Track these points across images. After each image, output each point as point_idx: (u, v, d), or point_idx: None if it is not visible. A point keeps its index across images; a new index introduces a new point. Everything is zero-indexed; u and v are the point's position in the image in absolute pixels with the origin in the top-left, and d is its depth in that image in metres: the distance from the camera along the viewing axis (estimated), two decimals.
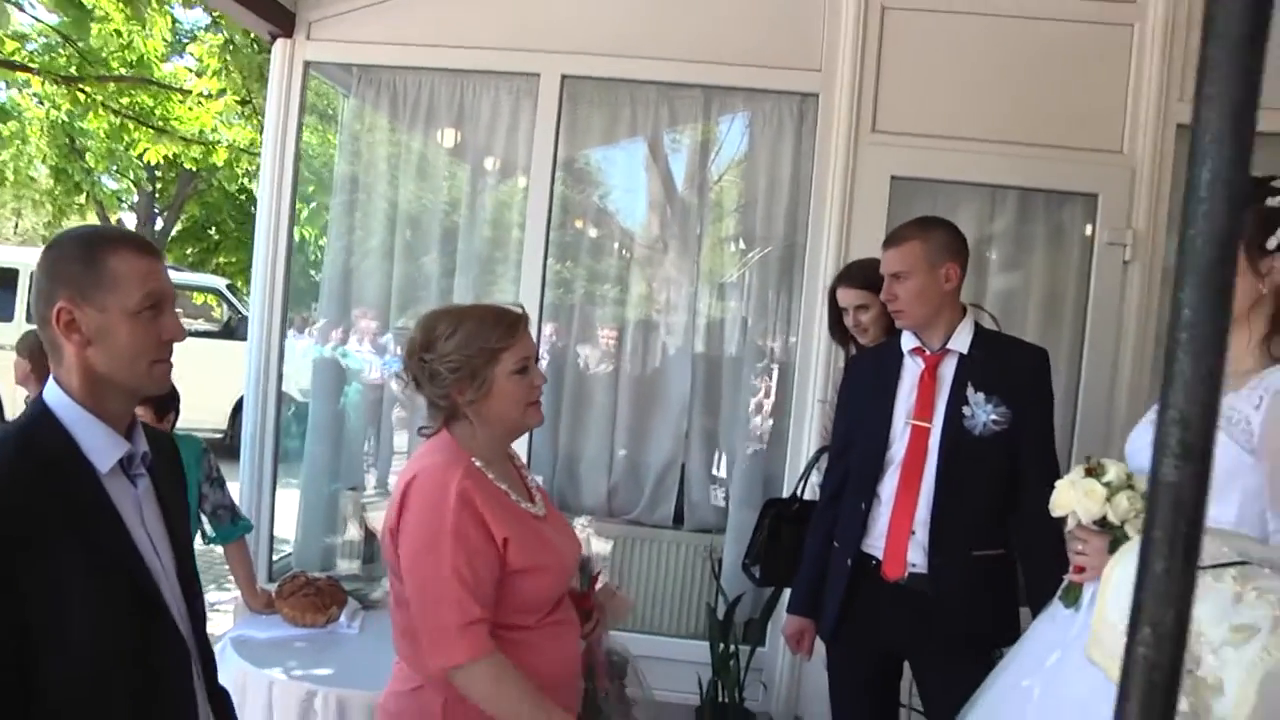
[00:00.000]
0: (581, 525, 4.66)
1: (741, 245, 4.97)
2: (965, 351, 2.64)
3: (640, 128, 4.77)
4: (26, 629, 1.36)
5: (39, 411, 1.51)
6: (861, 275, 3.21)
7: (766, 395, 4.71)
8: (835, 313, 3.44)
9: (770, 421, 4.65)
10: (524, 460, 2.34)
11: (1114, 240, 3.96)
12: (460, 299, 4.63)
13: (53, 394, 1.52)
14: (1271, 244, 1.68)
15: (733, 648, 4.02)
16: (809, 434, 4.15)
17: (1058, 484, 1.79)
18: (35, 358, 3.42)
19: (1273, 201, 1.69)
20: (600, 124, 4.78)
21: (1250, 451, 1.60)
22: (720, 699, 4.01)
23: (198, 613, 1.67)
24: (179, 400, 3.30)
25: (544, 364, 4.73)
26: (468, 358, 1.97)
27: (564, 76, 4.44)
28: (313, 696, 2.83)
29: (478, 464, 2.00)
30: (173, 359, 1.59)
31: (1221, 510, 1.56)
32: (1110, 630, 1.33)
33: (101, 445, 1.51)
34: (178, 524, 1.66)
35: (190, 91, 11.76)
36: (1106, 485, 1.72)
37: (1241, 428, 1.61)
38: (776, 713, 4.24)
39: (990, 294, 4.21)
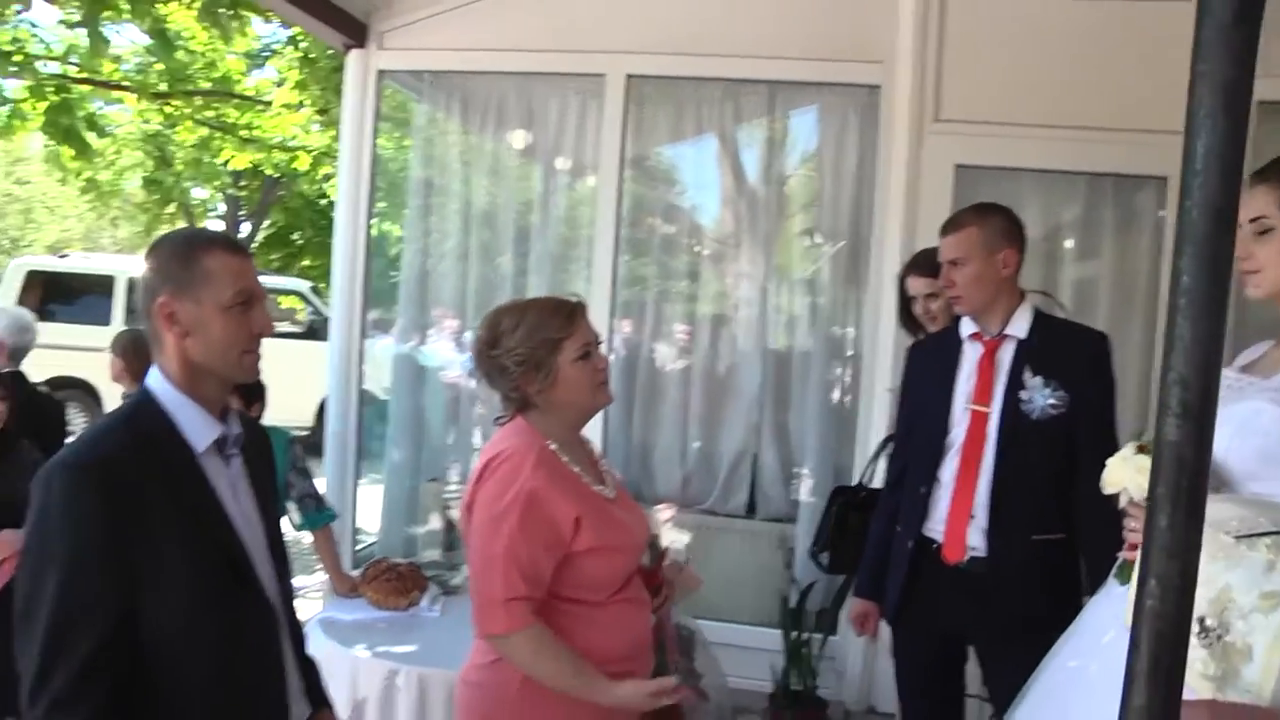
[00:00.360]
0: (662, 518, 4.74)
1: (810, 238, 5.00)
2: (1024, 336, 2.65)
3: (706, 124, 4.84)
4: (133, 584, 1.52)
5: (144, 397, 1.66)
6: (930, 263, 3.20)
7: (836, 386, 4.74)
8: (905, 301, 3.46)
9: (840, 412, 4.67)
10: (597, 446, 2.41)
11: None
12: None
13: (155, 381, 1.67)
14: None
15: (805, 636, 4.06)
16: (878, 423, 4.17)
17: (1109, 461, 1.79)
18: (128, 356, 3.64)
19: None
20: (666, 122, 4.85)
21: None
22: (793, 687, 4.06)
23: (286, 584, 1.81)
24: (265, 392, 3.46)
25: (618, 358, 4.82)
26: (532, 350, 2.06)
27: (629, 76, 4.52)
28: (395, 674, 2.95)
29: (552, 446, 2.09)
30: (260, 350, 1.71)
31: (1274, 486, 1.56)
32: None
33: (198, 427, 1.65)
34: (268, 502, 1.80)
35: (271, 103, 12.19)
36: None
37: None
38: (850, 701, 4.27)
39: (1061, 281, 4.18)
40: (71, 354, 10.20)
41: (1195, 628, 1.17)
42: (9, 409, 3.29)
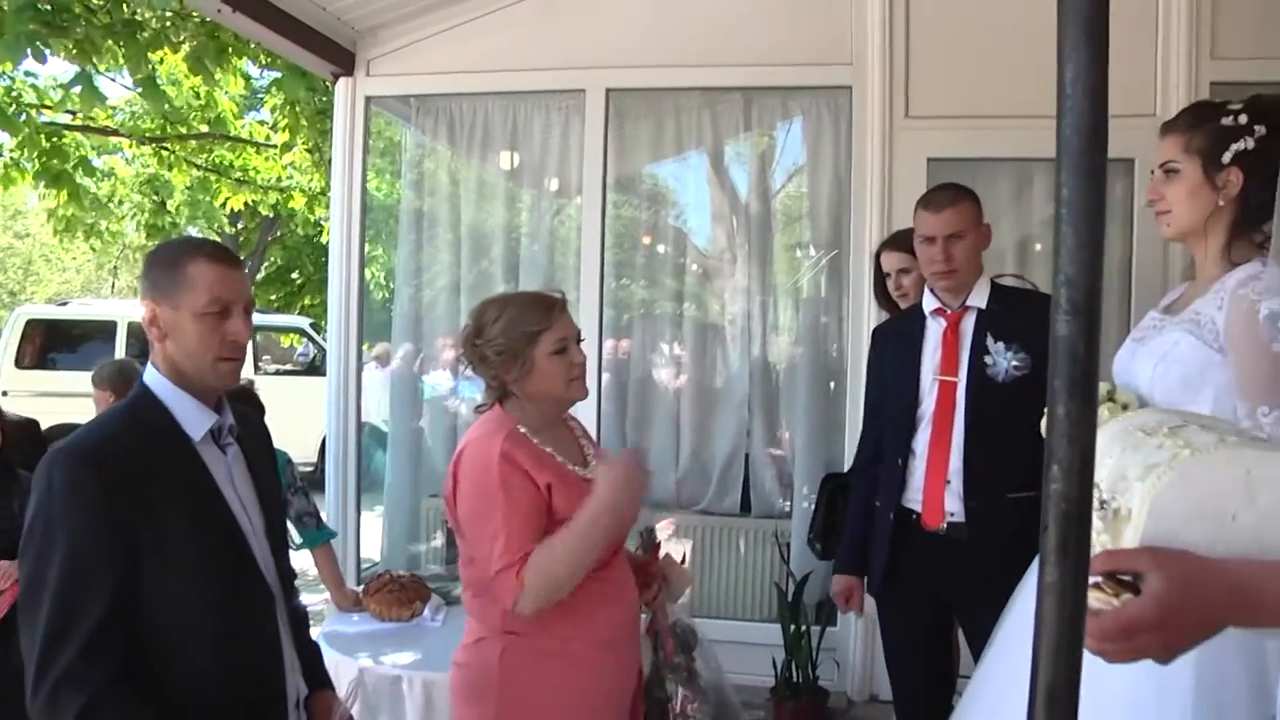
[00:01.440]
0: (663, 530, 4.79)
1: (788, 237, 5.10)
2: (983, 306, 2.76)
3: (685, 135, 4.93)
4: (134, 566, 1.60)
5: (141, 391, 1.76)
6: (906, 240, 3.29)
7: (822, 382, 4.81)
8: (880, 278, 3.54)
9: (827, 407, 4.74)
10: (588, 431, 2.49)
11: None
12: None
13: (151, 376, 1.76)
14: (1225, 158, 1.79)
15: (804, 628, 4.11)
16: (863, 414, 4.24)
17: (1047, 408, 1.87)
18: (116, 385, 3.63)
19: (1226, 121, 1.79)
20: (646, 135, 4.95)
21: (1219, 350, 1.72)
22: (794, 679, 4.10)
23: (284, 568, 1.89)
24: (264, 411, 3.51)
25: (610, 366, 4.89)
26: (511, 341, 2.16)
27: (609, 90, 4.63)
28: (400, 681, 3.00)
29: (522, 430, 2.18)
30: (239, 359, 1.77)
31: (1196, 409, 1.66)
32: None
33: (193, 417, 1.74)
34: (266, 488, 1.88)
35: (264, 144, 12.32)
36: None
37: (1209, 329, 1.73)
38: (851, 690, 4.32)
39: (1034, 265, 4.26)
40: (74, 400, 10.26)
41: (1096, 504, 1.25)
42: (3, 438, 3.35)
